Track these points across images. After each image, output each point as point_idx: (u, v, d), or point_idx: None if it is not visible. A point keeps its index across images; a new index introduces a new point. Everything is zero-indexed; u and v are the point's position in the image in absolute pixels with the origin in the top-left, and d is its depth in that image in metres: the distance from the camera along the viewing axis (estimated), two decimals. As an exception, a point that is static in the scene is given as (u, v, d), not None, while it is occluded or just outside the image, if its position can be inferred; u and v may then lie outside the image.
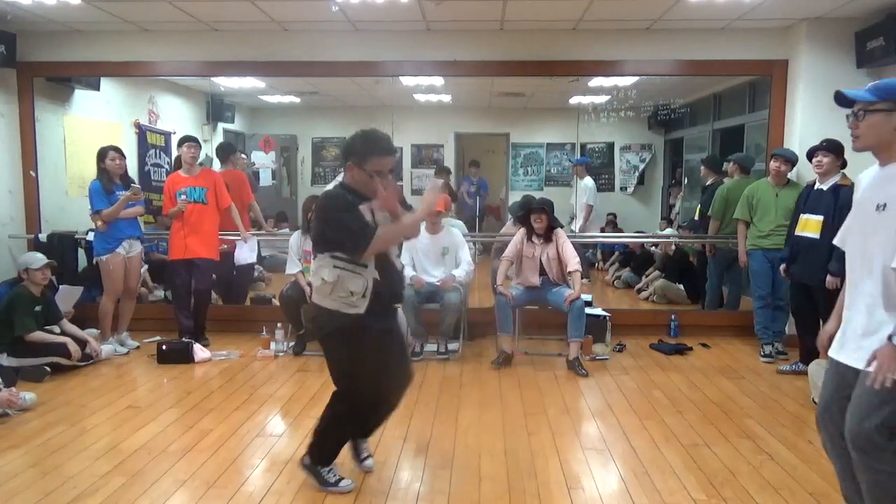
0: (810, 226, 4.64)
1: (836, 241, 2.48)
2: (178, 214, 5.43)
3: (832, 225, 4.43)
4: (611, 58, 5.91)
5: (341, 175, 2.93)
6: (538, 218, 5.16)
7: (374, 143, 2.84)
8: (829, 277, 4.32)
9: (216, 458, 3.38)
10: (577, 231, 7.84)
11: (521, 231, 5.33)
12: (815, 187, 4.70)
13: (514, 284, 5.27)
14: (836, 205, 4.46)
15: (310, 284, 5.28)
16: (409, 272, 5.42)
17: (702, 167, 6.81)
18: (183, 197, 5.41)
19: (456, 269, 5.37)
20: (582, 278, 5.25)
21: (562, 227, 5.34)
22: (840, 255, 4.34)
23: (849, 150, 4.86)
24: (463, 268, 5.38)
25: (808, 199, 4.71)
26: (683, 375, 4.92)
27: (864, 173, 2.36)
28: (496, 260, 5.97)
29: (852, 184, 4.50)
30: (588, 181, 8.27)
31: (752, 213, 5.37)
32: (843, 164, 4.63)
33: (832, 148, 4.60)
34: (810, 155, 4.74)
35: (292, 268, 5.33)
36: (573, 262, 5.10)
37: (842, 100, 2.26)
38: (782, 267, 4.92)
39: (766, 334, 5.33)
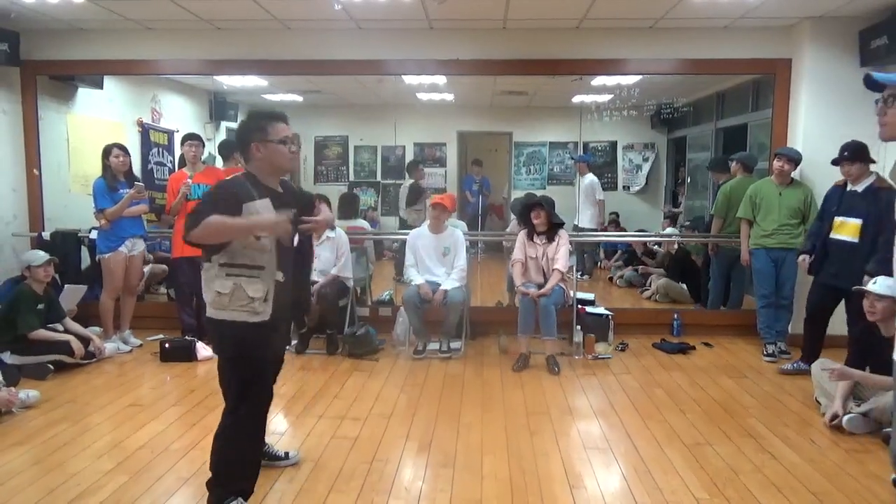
0: (847, 229, 4.51)
1: None
2: (182, 211, 5.42)
3: (871, 228, 4.32)
4: (614, 56, 5.90)
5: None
6: (537, 214, 5.17)
7: (266, 113, 2.78)
8: (865, 278, 4.29)
9: (219, 456, 3.38)
10: (592, 225, 7.90)
11: (523, 232, 5.33)
12: (848, 188, 4.58)
13: (526, 283, 5.26)
14: (875, 208, 4.33)
15: (313, 283, 5.36)
16: (414, 275, 5.43)
17: (710, 173, 6.87)
18: (186, 181, 5.38)
19: (448, 280, 5.38)
20: (583, 275, 5.23)
21: (562, 223, 5.33)
22: (881, 258, 4.29)
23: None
24: (456, 274, 5.41)
25: (842, 201, 4.57)
26: (686, 374, 4.92)
27: None
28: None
29: (890, 185, 4.29)
30: (592, 178, 8.28)
31: (755, 211, 5.36)
32: (872, 161, 4.52)
33: (856, 156, 4.48)
34: (836, 164, 4.63)
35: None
36: (560, 262, 5.12)
37: (872, 84, 2.05)
38: (802, 258, 4.84)
39: (769, 333, 5.32)
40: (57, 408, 4.10)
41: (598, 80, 7.04)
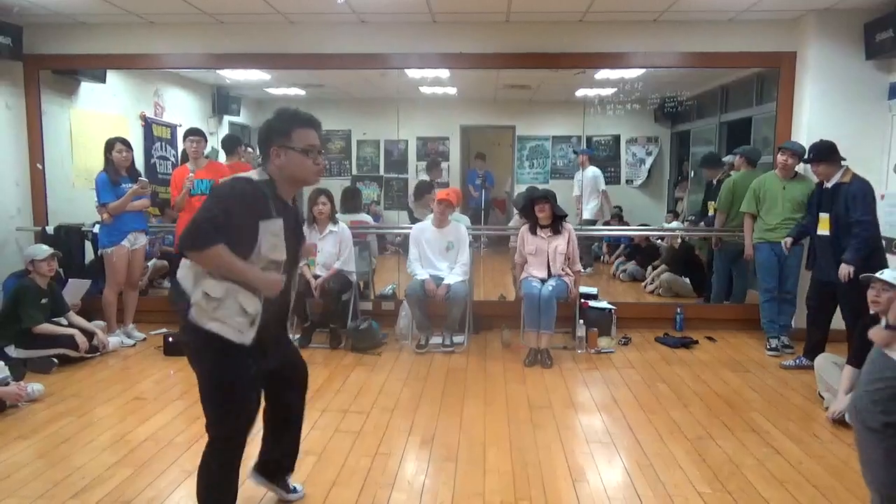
0: (824, 224, 4.66)
1: None
2: (186, 205, 5.42)
3: (838, 222, 4.52)
4: (617, 50, 5.87)
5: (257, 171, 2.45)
6: (542, 208, 5.16)
7: (294, 115, 2.47)
8: (842, 266, 4.35)
9: (222, 450, 3.39)
10: (590, 216, 7.90)
11: (524, 229, 5.32)
12: (824, 185, 4.71)
13: (527, 277, 5.26)
14: (837, 202, 4.53)
15: (316, 277, 5.37)
16: (418, 269, 5.44)
17: (703, 170, 6.89)
18: (189, 176, 5.40)
19: (451, 274, 5.39)
20: (585, 268, 5.26)
21: (566, 215, 5.33)
22: (855, 245, 4.43)
23: (854, 140, 4.96)
24: (459, 268, 5.42)
25: (821, 198, 4.74)
26: (689, 369, 4.92)
27: None
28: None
29: (853, 176, 4.54)
30: (595, 170, 8.26)
31: (758, 206, 5.36)
32: (842, 159, 4.64)
33: (819, 157, 4.62)
34: (807, 163, 4.83)
35: (298, 260, 5.33)
36: (577, 264, 5.28)
37: None
38: (785, 240, 5.00)
39: (772, 328, 5.32)
40: (61, 401, 4.12)
41: (602, 74, 7.02)
